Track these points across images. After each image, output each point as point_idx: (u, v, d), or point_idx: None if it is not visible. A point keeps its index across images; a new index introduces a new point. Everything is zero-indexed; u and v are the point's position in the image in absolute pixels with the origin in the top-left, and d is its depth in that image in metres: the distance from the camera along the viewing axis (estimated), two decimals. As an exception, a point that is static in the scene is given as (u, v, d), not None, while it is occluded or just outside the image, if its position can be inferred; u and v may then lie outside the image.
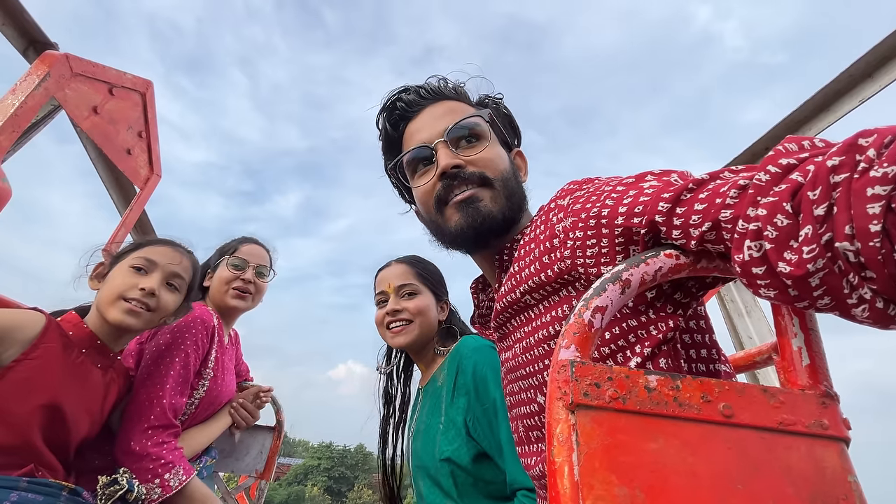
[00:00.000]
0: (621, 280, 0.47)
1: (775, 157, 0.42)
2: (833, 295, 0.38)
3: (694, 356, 0.59)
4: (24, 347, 0.96)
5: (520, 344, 0.72)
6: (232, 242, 1.62)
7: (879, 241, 0.34)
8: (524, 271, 0.70)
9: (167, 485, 1.10)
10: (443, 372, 1.21)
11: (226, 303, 1.51)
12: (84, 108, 1.38)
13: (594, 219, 0.57)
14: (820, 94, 1.25)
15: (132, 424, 1.12)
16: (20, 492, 0.91)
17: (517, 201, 0.78)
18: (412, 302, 1.28)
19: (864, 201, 0.34)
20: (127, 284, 1.11)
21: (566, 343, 0.43)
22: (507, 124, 0.88)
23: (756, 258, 0.41)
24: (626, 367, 0.42)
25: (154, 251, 1.18)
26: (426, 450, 1.16)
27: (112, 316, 1.08)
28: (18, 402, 0.93)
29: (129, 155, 1.61)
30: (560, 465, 0.37)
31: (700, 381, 0.41)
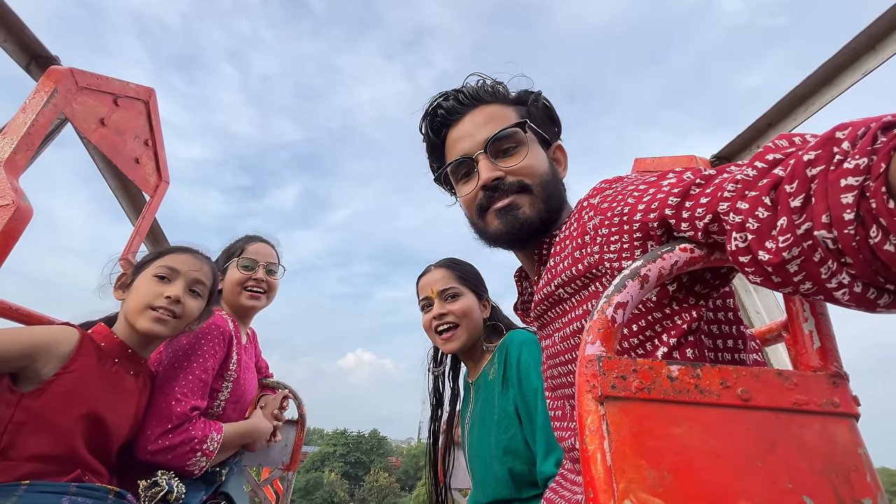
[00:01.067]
0: (640, 276, 0.50)
1: (763, 153, 0.45)
2: (813, 280, 0.41)
3: (721, 346, 0.61)
4: (62, 362, 1.00)
5: (558, 333, 0.78)
6: (238, 243, 1.63)
7: (853, 228, 0.36)
8: (559, 266, 0.74)
9: (208, 451, 1.19)
10: (493, 366, 1.27)
11: (241, 303, 1.55)
12: (91, 121, 1.39)
13: (617, 216, 0.60)
14: (823, 68, 1.25)
15: (153, 427, 1.16)
16: (70, 496, 0.96)
17: (555, 202, 0.82)
18: (456, 304, 1.33)
19: (838, 191, 0.37)
20: (152, 294, 1.14)
21: (591, 339, 0.46)
22: (547, 118, 0.89)
23: (742, 248, 0.44)
24: (650, 359, 0.45)
25: (175, 259, 1.21)
26: (482, 440, 1.23)
27: (141, 325, 1.12)
28: (62, 413, 0.98)
29: (137, 164, 1.63)
30: (593, 452, 0.41)
31: (719, 369, 0.44)
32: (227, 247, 1.65)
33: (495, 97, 0.87)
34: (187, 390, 1.23)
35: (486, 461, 1.22)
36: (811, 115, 1.33)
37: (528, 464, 1.15)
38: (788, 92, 1.36)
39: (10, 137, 1.12)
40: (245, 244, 1.62)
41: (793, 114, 1.38)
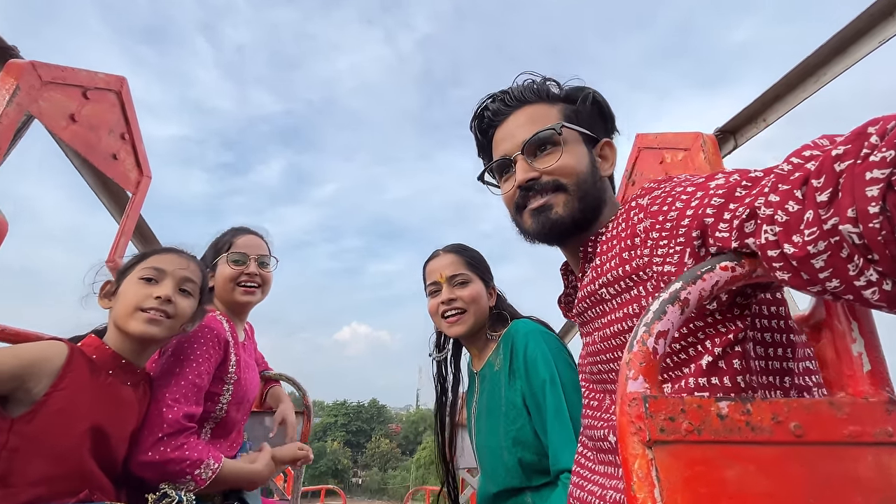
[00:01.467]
0: (679, 300, 0.46)
1: (801, 150, 0.45)
2: (840, 277, 0.40)
3: (771, 353, 0.59)
4: (52, 379, 0.96)
5: (598, 332, 0.79)
6: (225, 236, 1.56)
7: (879, 222, 0.36)
8: (605, 265, 0.75)
9: (200, 478, 1.13)
10: (498, 356, 1.27)
11: (235, 300, 1.49)
12: (61, 117, 1.29)
13: (669, 221, 0.60)
14: (836, 37, 1.19)
15: (145, 436, 1.11)
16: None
17: (592, 200, 0.83)
18: (465, 290, 1.32)
19: (863, 184, 0.37)
20: (140, 295, 1.09)
21: (633, 374, 0.43)
22: (597, 115, 0.90)
23: (771, 241, 0.44)
24: (696, 396, 0.42)
25: (160, 259, 1.16)
26: (491, 430, 1.24)
27: (133, 328, 1.07)
28: (62, 432, 0.94)
29: (115, 160, 1.53)
30: (643, 500, 0.39)
31: (770, 403, 0.42)
32: (213, 241, 1.57)
33: (540, 97, 0.88)
34: (179, 395, 1.18)
35: (495, 451, 1.23)
36: (822, 85, 1.28)
37: (537, 454, 1.16)
38: (799, 63, 1.30)
39: (-27, 144, 1.03)
40: (233, 237, 1.54)
41: (802, 85, 1.33)
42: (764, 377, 0.58)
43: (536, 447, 1.16)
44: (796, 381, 0.59)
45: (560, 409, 1.09)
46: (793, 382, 0.58)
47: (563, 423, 1.08)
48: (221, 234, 1.58)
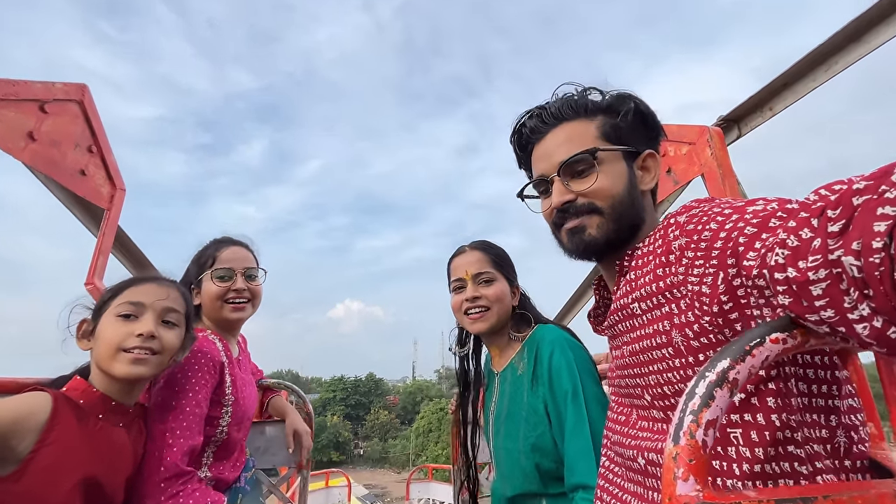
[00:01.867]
0: (728, 382, 0.42)
1: (832, 184, 0.45)
2: (836, 308, 0.41)
3: (815, 391, 0.58)
4: (38, 434, 0.90)
5: (627, 347, 0.79)
6: (207, 250, 1.46)
7: (881, 257, 0.36)
8: (639, 280, 0.75)
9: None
10: (522, 360, 1.26)
11: (224, 317, 1.42)
12: (18, 137, 1.18)
13: (704, 241, 0.60)
14: (852, 23, 1.12)
15: (144, 480, 1.08)
16: (82, 569, 0.91)
17: (628, 220, 0.83)
18: (490, 289, 1.31)
19: (873, 219, 0.38)
20: (121, 334, 1.02)
21: (682, 473, 0.40)
22: (640, 125, 0.87)
23: (780, 264, 0.45)
24: (754, 497, 0.39)
25: (136, 293, 1.08)
26: (510, 434, 1.24)
27: (118, 371, 1.01)
28: (52, 489, 0.89)
29: (84, 176, 1.42)
30: None
31: (833, 500, 0.39)
32: (195, 256, 1.47)
33: (578, 112, 0.86)
34: (178, 431, 1.14)
35: (513, 455, 1.23)
36: (834, 75, 1.22)
37: (555, 461, 1.16)
38: (810, 50, 1.23)
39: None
40: (216, 251, 1.44)
41: (812, 74, 1.26)
42: (808, 415, 0.56)
43: (555, 455, 1.16)
44: (843, 419, 0.57)
45: (580, 422, 1.08)
46: (839, 421, 0.57)
47: (582, 436, 1.07)
48: (203, 248, 1.48)
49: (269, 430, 1.86)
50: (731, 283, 0.55)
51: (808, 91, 1.28)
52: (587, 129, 0.85)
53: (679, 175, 1.44)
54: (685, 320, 0.64)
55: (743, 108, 1.45)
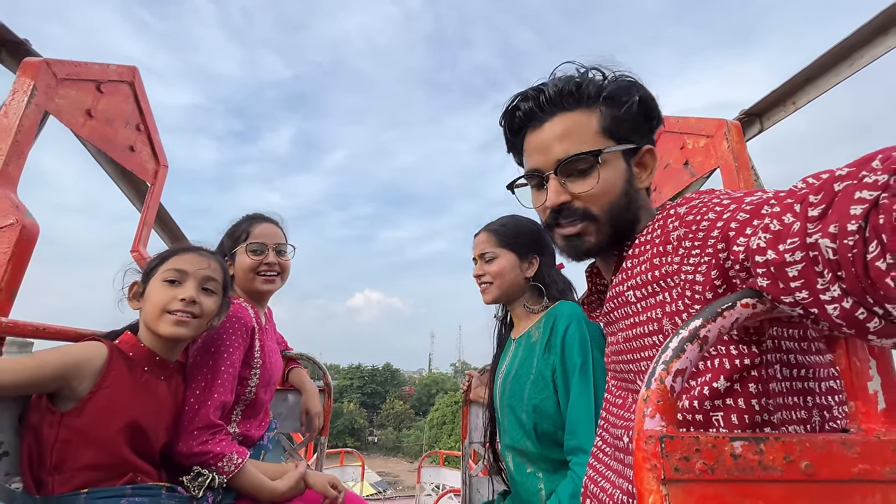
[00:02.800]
0: (699, 338, 0.47)
1: (820, 172, 0.47)
2: (809, 290, 0.42)
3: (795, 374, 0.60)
4: (95, 378, 1.02)
5: (622, 333, 0.80)
6: (242, 225, 1.58)
7: (854, 239, 0.38)
8: (635, 268, 0.75)
9: (224, 470, 1.21)
10: (538, 329, 1.36)
11: (256, 288, 1.54)
12: (78, 114, 1.30)
13: (701, 231, 0.61)
14: (879, 17, 1.12)
15: (181, 428, 1.21)
16: (128, 498, 1.03)
17: (623, 223, 0.81)
18: (492, 266, 1.45)
19: (850, 203, 0.39)
20: (166, 298, 1.14)
21: (650, 412, 0.45)
22: (642, 116, 0.81)
23: (761, 247, 0.47)
24: (711, 435, 0.44)
25: (181, 261, 1.19)
26: (515, 393, 1.34)
27: (163, 330, 1.13)
28: (104, 427, 1.01)
29: (132, 152, 1.55)
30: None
31: (783, 442, 0.44)
32: (230, 230, 1.59)
33: (578, 102, 0.80)
34: (213, 387, 1.25)
35: (515, 412, 1.32)
36: (858, 69, 1.21)
37: (554, 425, 1.24)
38: (835, 44, 1.23)
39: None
40: (249, 227, 1.56)
41: (836, 69, 1.26)
42: (787, 398, 0.58)
43: (555, 419, 1.24)
44: (818, 400, 0.59)
45: (586, 392, 1.17)
46: (815, 402, 0.59)
47: (586, 404, 1.16)
48: (237, 223, 1.60)
49: (290, 397, 1.97)
50: (724, 270, 0.56)
51: (832, 86, 1.28)
52: (588, 124, 0.79)
53: (696, 167, 1.45)
54: (676, 308, 0.65)
55: (765, 102, 1.45)
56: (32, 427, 0.99)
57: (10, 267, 0.99)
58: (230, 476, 1.21)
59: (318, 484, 1.40)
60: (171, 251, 1.24)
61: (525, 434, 1.28)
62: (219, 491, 1.21)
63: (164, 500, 1.08)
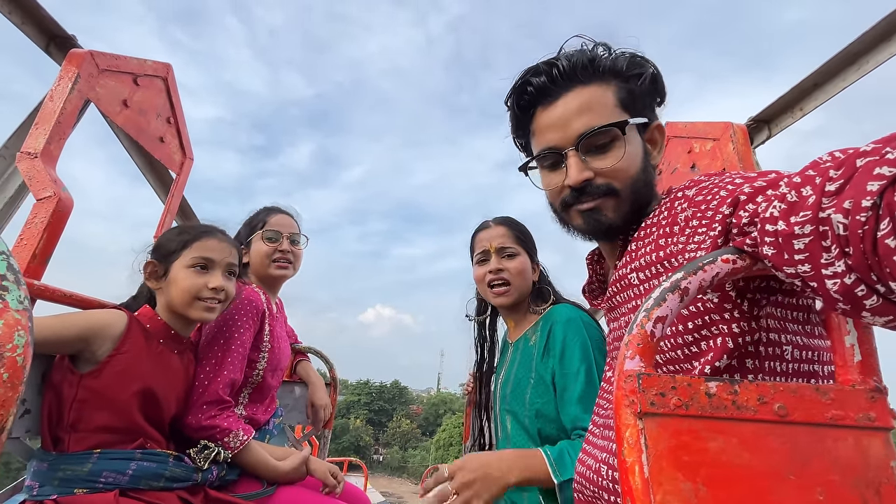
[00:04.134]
0: (679, 289, 0.50)
1: (847, 148, 0.45)
2: (812, 263, 0.42)
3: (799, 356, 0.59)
4: (114, 343, 1.08)
5: (623, 318, 0.78)
6: (259, 215, 1.66)
7: (867, 216, 0.37)
8: (640, 251, 0.73)
9: (229, 445, 1.24)
10: (536, 333, 1.32)
11: (270, 274, 1.60)
12: (115, 103, 1.40)
13: (711, 210, 0.59)
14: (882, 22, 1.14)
15: (191, 402, 1.25)
16: (137, 461, 1.07)
17: (643, 199, 0.78)
18: (512, 263, 1.36)
19: (867, 178, 0.38)
20: (197, 286, 1.19)
21: (630, 353, 0.48)
22: (651, 91, 0.79)
23: (774, 216, 0.46)
24: (689, 375, 0.46)
25: (207, 247, 1.24)
26: (516, 398, 1.30)
27: (194, 315, 1.19)
28: (120, 390, 1.07)
29: (162, 143, 1.64)
30: (631, 464, 0.43)
31: (757, 385, 0.45)
32: (248, 219, 1.67)
33: (594, 75, 0.76)
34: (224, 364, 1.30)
35: (519, 418, 1.29)
36: (864, 74, 1.23)
37: (557, 429, 1.22)
38: (839, 50, 1.26)
39: (43, 128, 1.14)
40: (266, 216, 1.64)
41: (843, 73, 1.28)
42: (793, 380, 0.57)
43: (558, 423, 1.22)
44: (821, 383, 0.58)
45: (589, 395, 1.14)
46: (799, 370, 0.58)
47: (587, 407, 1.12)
48: (255, 213, 1.68)
49: (297, 389, 2.01)
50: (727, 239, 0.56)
51: (839, 91, 1.30)
52: (605, 97, 0.76)
53: (703, 170, 1.48)
54: None
55: (773, 108, 1.47)
56: (54, 386, 1.04)
57: (45, 235, 1.06)
58: (235, 451, 1.24)
59: (319, 471, 1.42)
60: (193, 235, 1.28)
61: (530, 439, 1.26)
62: (223, 466, 1.24)
63: (171, 467, 1.11)
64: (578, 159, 0.75)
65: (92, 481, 1.01)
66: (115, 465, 1.04)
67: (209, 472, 1.19)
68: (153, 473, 1.08)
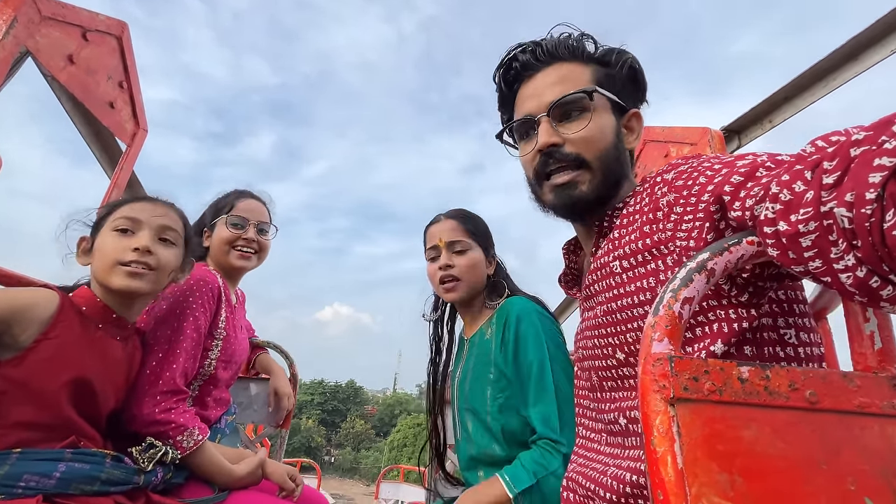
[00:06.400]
0: (706, 269, 0.47)
1: (829, 135, 0.45)
2: (823, 259, 0.41)
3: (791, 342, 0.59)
4: (42, 327, 0.93)
5: (602, 306, 0.77)
6: (227, 198, 1.52)
7: (871, 208, 0.37)
8: (623, 238, 0.73)
9: (181, 446, 1.11)
10: (491, 327, 1.28)
11: (230, 263, 1.46)
12: (58, 57, 1.23)
13: (693, 196, 0.60)
14: (850, 42, 1.21)
15: (142, 392, 1.11)
16: (66, 462, 0.92)
17: (613, 176, 0.80)
18: (463, 258, 1.32)
19: (868, 170, 0.37)
20: (118, 248, 1.04)
21: (658, 336, 0.44)
22: (630, 81, 0.85)
23: (770, 218, 0.45)
24: (716, 359, 0.43)
25: (133, 208, 1.10)
26: (476, 395, 1.25)
27: (116, 283, 1.03)
28: (46, 379, 0.92)
29: (112, 109, 1.48)
30: (662, 454, 0.39)
31: (787, 370, 0.43)
32: (214, 201, 1.53)
33: (574, 55, 0.83)
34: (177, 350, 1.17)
35: (480, 416, 1.25)
36: (831, 90, 1.30)
37: (521, 423, 1.18)
38: (810, 66, 1.32)
39: (-34, 73, 0.98)
40: (235, 200, 1.50)
41: (811, 88, 1.35)
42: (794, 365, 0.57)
43: (520, 417, 1.18)
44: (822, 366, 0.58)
45: (546, 389, 1.11)
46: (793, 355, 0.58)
47: (548, 401, 1.10)
48: (224, 195, 1.53)
49: (253, 386, 1.87)
50: (720, 232, 0.56)
51: (807, 105, 1.37)
52: (582, 73, 0.81)
53: (679, 174, 1.51)
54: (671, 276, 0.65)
55: (744, 119, 1.53)
56: (-35, 375, 0.89)
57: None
58: (186, 452, 1.11)
59: (277, 474, 1.31)
60: (121, 200, 1.14)
61: (493, 438, 1.22)
62: (170, 467, 1.11)
63: (108, 468, 0.97)
64: (549, 125, 0.79)
65: (9, 486, 0.86)
66: (38, 466, 0.89)
67: (153, 475, 1.06)
68: (85, 476, 0.94)
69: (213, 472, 1.18)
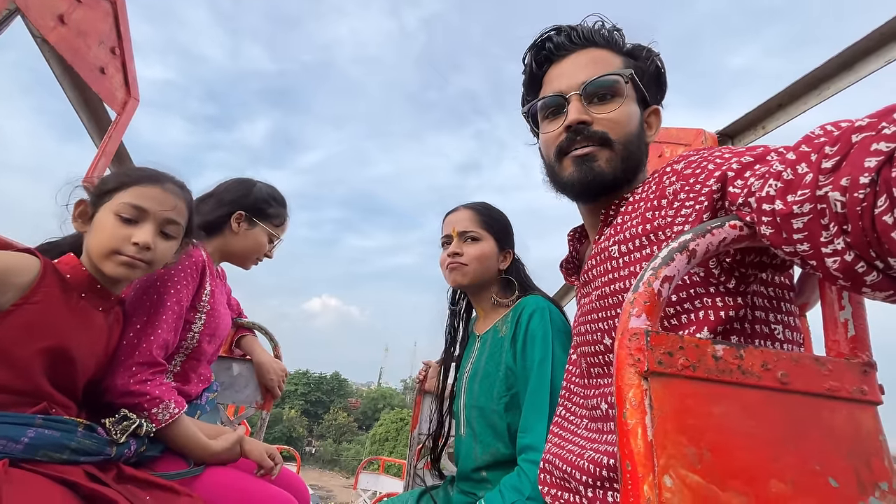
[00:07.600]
0: (688, 250, 0.47)
1: (839, 121, 0.45)
2: (812, 242, 0.42)
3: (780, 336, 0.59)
4: (22, 292, 0.91)
5: (597, 291, 0.77)
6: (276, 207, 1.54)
7: (864, 193, 0.37)
8: (625, 224, 0.74)
9: (156, 418, 1.09)
10: (505, 324, 1.27)
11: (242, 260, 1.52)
12: (48, 16, 1.20)
13: (699, 183, 0.60)
14: (846, 52, 1.22)
15: (118, 362, 1.09)
16: (36, 428, 0.90)
17: (633, 163, 0.81)
18: (473, 247, 1.33)
19: (865, 154, 0.37)
20: (117, 237, 1.01)
21: (637, 311, 0.44)
22: (655, 79, 0.86)
23: (770, 195, 0.46)
24: (694, 336, 0.43)
25: (143, 195, 1.06)
26: (484, 392, 1.24)
27: (107, 270, 1.01)
28: (21, 345, 0.90)
29: (102, 74, 1.44)
30: (633, 426, 0.40)
31: (761, 351, 0.44)
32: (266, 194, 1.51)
33: (608, 43, 0.84)
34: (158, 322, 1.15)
35: (486, 413, 1.24)
36: (824, 99, 1.32)
37: None
38: (804, 74, 1.34)
39: (-49, 24, 0.96)
40: (287, 217, 1.55)
41: (805, 97, 1.37)
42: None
43: None
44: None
45: (542, 387, 1.10)
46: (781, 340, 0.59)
47: (541, 401, 1.09)
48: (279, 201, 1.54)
49: (235, 366, 1.85)
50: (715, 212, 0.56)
51: (800, 113, 1.38)
52: (614, 60, 0.83)
53: (671, 174, 1.52)
54: None
55: (738, 124, 1.55)
56: (-62, 333, 0.86)
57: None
58: (161, 426, 1.10)
59: (255, 451, 1.29)
60: (133, 178, 1.09)
61: (498, 436, 1.21)
62: (143, 440, 1.09)
63: (79, 437, 0.95)
64: (580, 103, 0.80)
65: (-25, 448, 0.84)
66: (6, 430, 0.87)
67: (126, 447, 1.04)
68: (55, 443, 0.92)
69: (189, 446, 1.16)
